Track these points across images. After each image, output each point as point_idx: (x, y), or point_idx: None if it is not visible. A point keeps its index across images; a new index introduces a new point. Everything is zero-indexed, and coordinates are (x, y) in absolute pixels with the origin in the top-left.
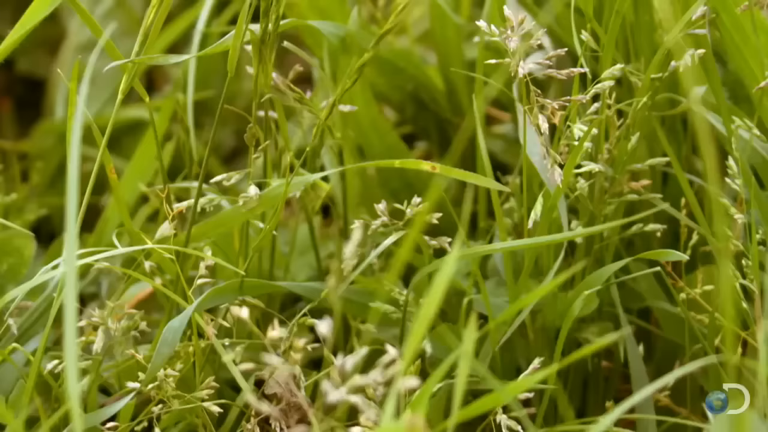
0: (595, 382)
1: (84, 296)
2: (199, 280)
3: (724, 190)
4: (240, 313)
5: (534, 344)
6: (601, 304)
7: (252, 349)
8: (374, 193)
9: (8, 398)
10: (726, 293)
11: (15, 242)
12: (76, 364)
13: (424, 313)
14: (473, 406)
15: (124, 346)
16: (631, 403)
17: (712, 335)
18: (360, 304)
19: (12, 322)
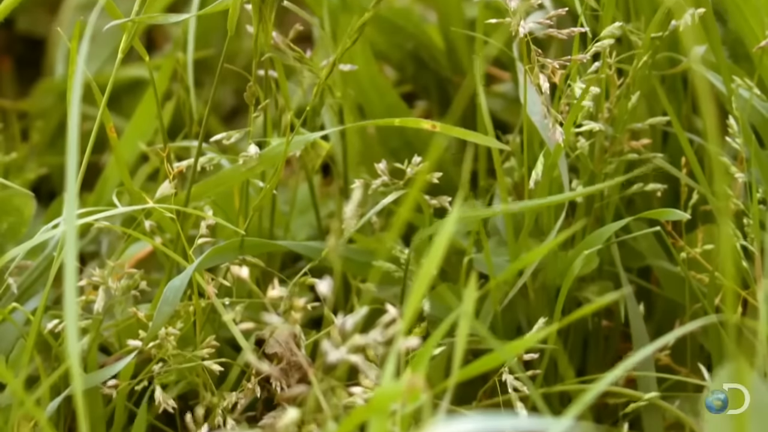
0: (595, 341)
1: (84, 255)
2: (199, 239)
3: (724, 149)
4: (240, 273)
5: (534, 304)
6: (602, 264)
7: (252, 309)
8: (374, 152)
9: (8, 358)
10: (726, 252)
11: (15, 201)
12: (76, 324)
13: (425, 273)
14: (473, 366)
15: (124, 305)
16: (632, 362)
17: (713, 294)
18: (360, 263)
19: (12, 281)
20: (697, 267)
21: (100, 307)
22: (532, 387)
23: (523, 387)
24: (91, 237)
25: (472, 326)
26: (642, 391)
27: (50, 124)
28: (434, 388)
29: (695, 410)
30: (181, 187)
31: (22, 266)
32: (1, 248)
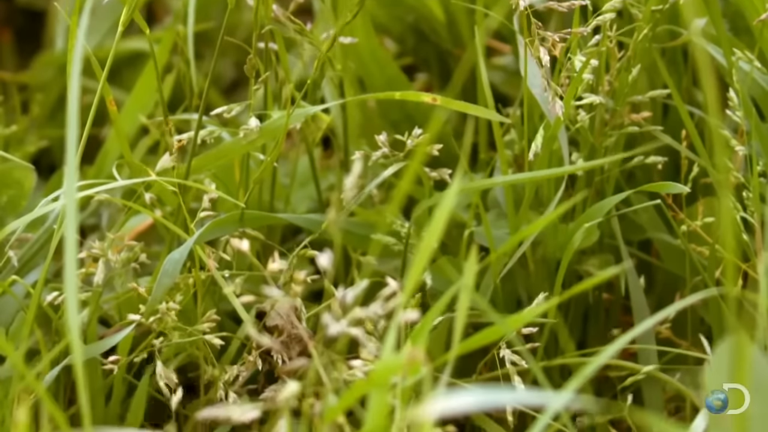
0: (595, 314)
1: (84, 228)
2: (202, 213)
3: (724, 121)
4: (240, 246)
5: (534, 277)
6: (602, 237)
7: (252, 282)
8: (375, 124)
9: (8, 330)
10: (726, 225)
11: (15, 174)
12: (76, 296)
13: (425, 246)
14: (474, 339)
15: (124, 278)
16: (632, 335)
17: (713, 267)
18: (360, 236)
19: (12, 254)
20: (698, 240)
21: (99, 279)
22: (533, 360)
23: (522, 361)
24: (92, 210)
25: (472, 299)
26: (642, 364)
27: (50, 97)
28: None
29: (696, 383)
30: (182, 160)
31: (23, 239)
32: (2, 221)
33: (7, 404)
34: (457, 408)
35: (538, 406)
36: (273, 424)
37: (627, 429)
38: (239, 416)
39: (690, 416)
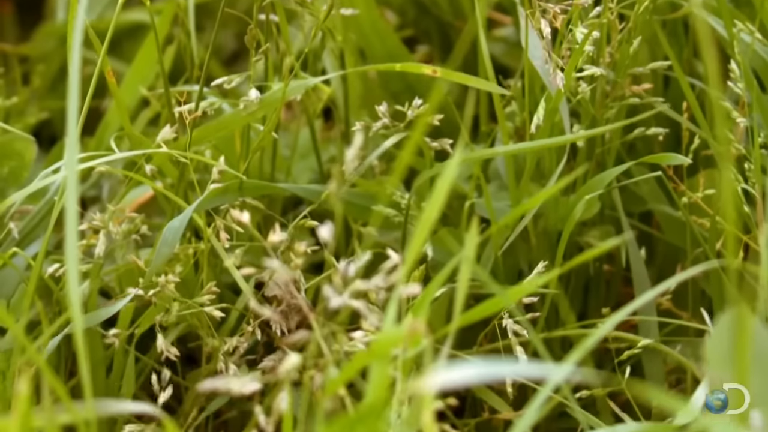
0: (596, 286)
1: (85, 200)
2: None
3: (725, 93)
4: (241, 218)
5: (536, 248)
6: (603, 208)
7: (253, 253)
8: (376, 96)
9: (9, 302)
10: (727, 197)
11: (16, 146)
12: (76, 268)
13: (427, 217)
14: (475, 311)
15: (125, 249)
16: (633, 307)
17: (714, 239)
18: (361, 206)
19: (13, 226)
20: (699, 211)
21: (100, 251)
22: (533, 332)
23: (523, 331)
24: (92, 182)
25: (473, 271)
26: (643, 336)
27: (51, 69)
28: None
29: (696, 355)
30: (182, 131)
31: (23, 211)
32: (2, 192)
33: (8, 376)
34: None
35: (538, 379)
36: (273, 396)
37: (626, 401)
38: (239, 388)
39: (691, 388)
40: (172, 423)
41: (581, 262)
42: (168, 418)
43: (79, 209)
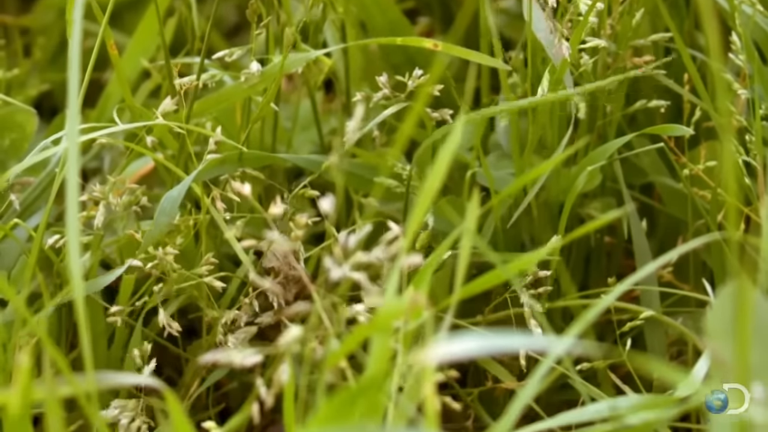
0: (597, 257)
1: (86, 171)
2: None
3: (727, 65)
4: (241, 189)
5: (537, 220)
6: (604, 180)
7: (254, 225)
8: (377, 68)
9: (10, 274)
10: (729, 169)
11: (17, 118)
12: (77, 239)
13: (428, 187)
14: (476, 283)
15: (126, 221)
16: (635, 279)
17: (715, 211)
18: (362, 177)
19: (14, 197)
20: (700, 183)
21: (100, 222)
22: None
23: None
24: (93, 153)
25: (474, 243)
26: (644, 308)
27: (52, 41)
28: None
29: (698, 327)
30: (183, 103)
31: (24, 183)
32: (3, 165)
33: (9, 348)
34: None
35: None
36: (274, 368)
37: (627, 373)
38: (241, 361)
39: (692, 360)
40: (172, 395)
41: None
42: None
43: (80, 181)
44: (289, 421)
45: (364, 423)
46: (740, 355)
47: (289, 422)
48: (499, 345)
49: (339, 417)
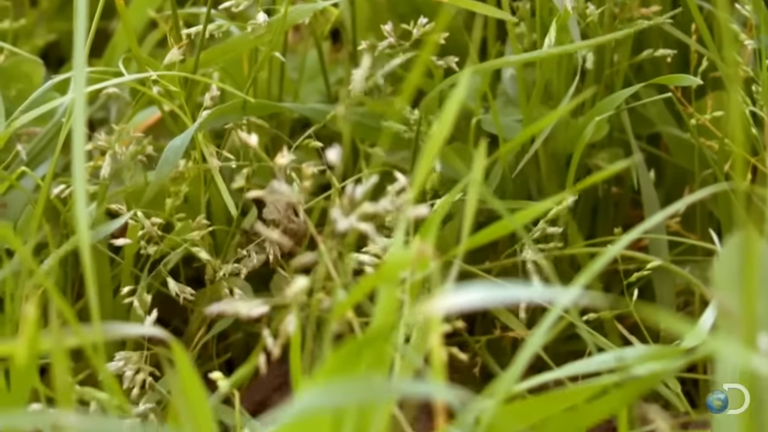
0: (605, 208)
1: (93, 122)
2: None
3: (733, 15)
4: (248, 140)
5: (545, 171)
6: (612, 131)
7: (261, 175)
8: (383, 17)
9: (17, 224)
10: (735, 119)
11: (24, 68)
12: (84, 188)
13: (436, 136)
14: (483, 234)
15: (132, 171)
16: (642, 229)
17: (722, 161)
18: (369, 127)
19: (21, 148)
20: (707, 134)
21: (106, 172)
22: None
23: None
24: (100, 104)
25: (481, 194)
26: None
27: None
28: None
29: (705, 277)
30: (190, 54)
31: (31, 133)
32: (10, 114)
33: (16, 299)
34: (465, 304)
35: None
36: (281, 319)
37: (634, 324)
38: (247, 311)
39: (699, 311)
40: (178, 345)
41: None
42: (175, 341)
43: (87, 131)
44: (296, 372)
45: (371, 374)
46: (747, 305)
47: (296, 373)
48: (506, 296)
49: (345, 368)
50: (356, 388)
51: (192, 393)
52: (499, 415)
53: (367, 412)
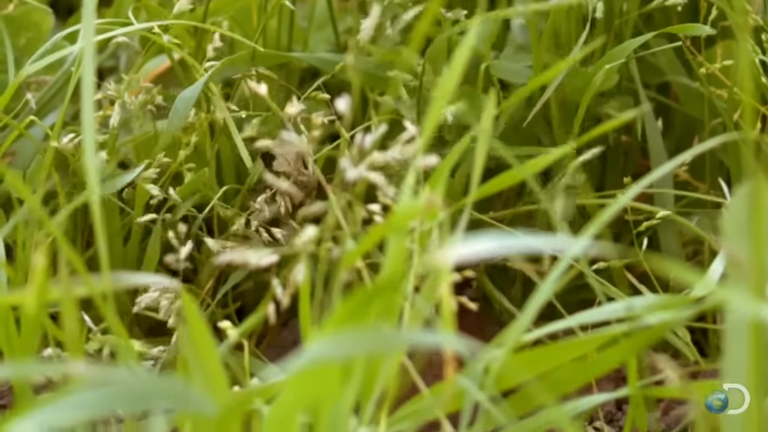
0: (614, 157)
1: (102, 70)
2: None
3: None
4: (257, 89)
5: (554, 119)
6: (621, 79)
7: (269, 123)
8: None
9: (26, 174)
10: (745, 68)
11: (33, 16)
12: (93, 137)
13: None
14: (492, 183)
15: (141, 120)
16: (651, 179)
17: (731, 110)
18: (378, 76)
19: (30, 96)
20: (716, 83)
21: (115, 121)
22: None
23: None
24: (110, 52)
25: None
26: (660, 208)
27: None
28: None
29: (714, 227)
30: (199, 2)
31: (41, 82)
32: (19, 63)
33: (25, 248)
34: (473, 254)
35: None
36: (290, 268)
37: (643, 273)
38: (257, 261)
39: (708, 260)
40: (189, 294)
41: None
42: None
43: (96, 80)
44: (305, 321)
45: (380, 323)
46: (756, 254)
47: (305, 322)
48: (514, 245)
49: (355, 317)
50: (366, 338)
51: (201, 341)
52: (508, 364)
53: (376, 362)
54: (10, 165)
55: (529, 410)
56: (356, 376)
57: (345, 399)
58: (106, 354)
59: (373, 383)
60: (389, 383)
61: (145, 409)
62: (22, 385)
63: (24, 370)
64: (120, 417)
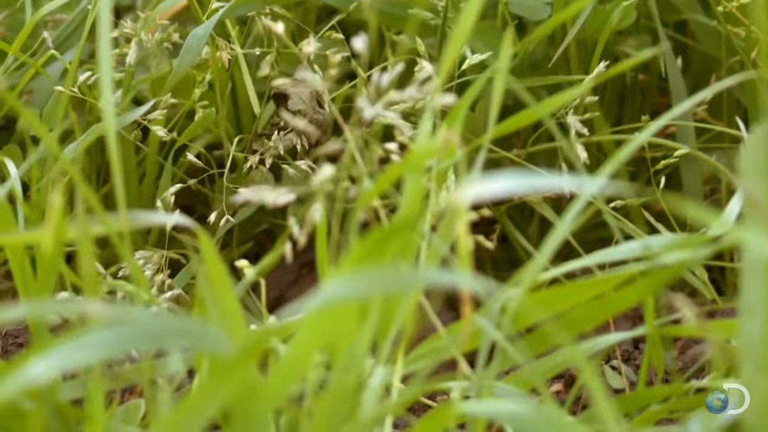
0: (632, 95)
1: (119, 9)
2: None
3: None
4: (274, 27)
5: (573, 58)
6: (639, 18)
7: (286, 62)
8: None
9: (42, 112)
10: (762, 6)
11: None
12: (110, 75)
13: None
14: (509, 122)
15: (158, 58)
16: (670, 116)
17: (749, 48)
18: (395, 15)
19: (47, 34)
20: (734, 21)
21: (132, 60)
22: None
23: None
24: None
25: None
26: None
27: None
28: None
29: (731, 164)
30: None
31: (58, 20)
32: (37, 2)
33: (42, 186)
34: (491, 192)
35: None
36: (307, 207)
37: (661, 211)
38: (274, 200)
39: (725, 199)
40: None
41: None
42: (200, 229)
43: (113, 18)
44: (322, 261)
45: (397, 263)
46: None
47: (322, 262)
48: (531, 184)
49: (372, 257)
50: (382, 278)
51: (218, 280)
52: (525, 303)
53: (393, 301)
54: (27, 103)
55: (546, 349)
56: (373, 316)
57: (362, 338)
58: (120, 295)
59: (389, 322)
60: (406, 322)
61: (161, 349)
62: (38, 325)
63: (40, 309)
64: (135, 358)
